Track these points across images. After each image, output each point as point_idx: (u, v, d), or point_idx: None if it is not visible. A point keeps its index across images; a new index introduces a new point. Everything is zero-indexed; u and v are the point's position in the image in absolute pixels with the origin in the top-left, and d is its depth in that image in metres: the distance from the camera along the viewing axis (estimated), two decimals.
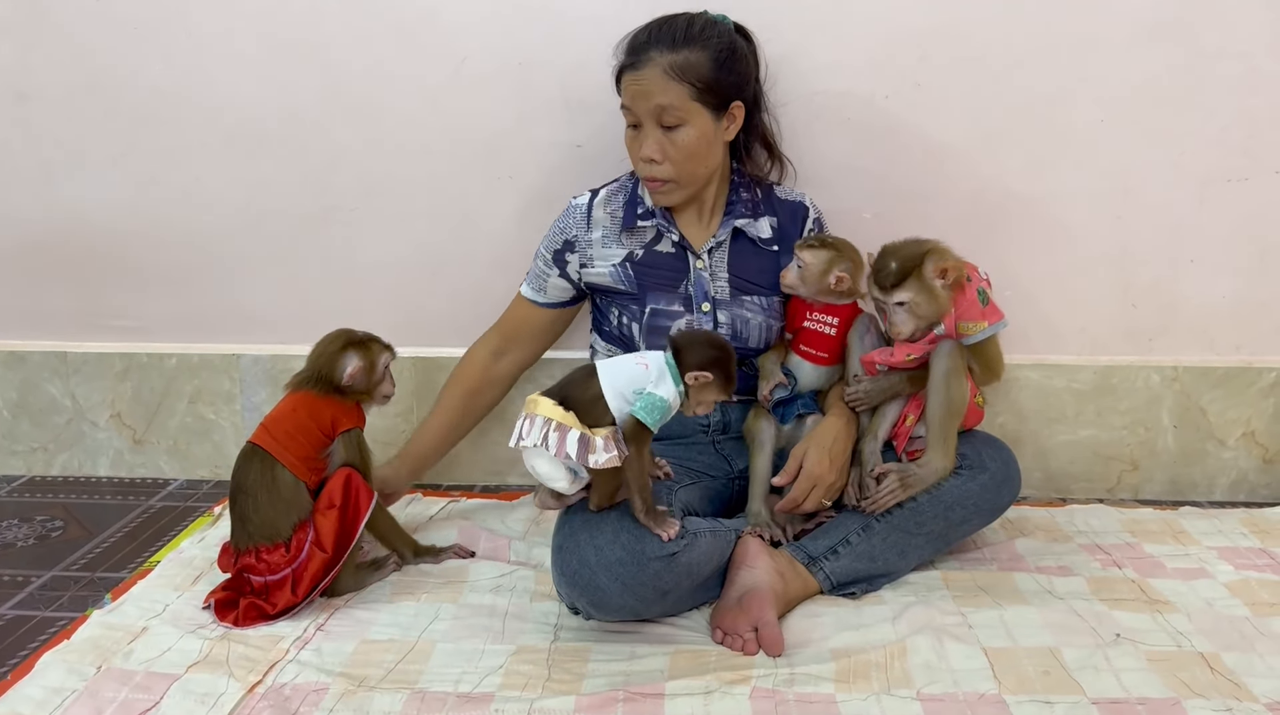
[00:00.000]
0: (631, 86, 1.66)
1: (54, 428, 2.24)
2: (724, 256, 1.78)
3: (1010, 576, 1.72)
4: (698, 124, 1.65)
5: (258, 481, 1.58)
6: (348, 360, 1.64)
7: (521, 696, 1.37)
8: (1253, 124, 1.96)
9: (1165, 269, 2.05)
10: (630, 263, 1.77)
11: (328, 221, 2.10)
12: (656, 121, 1.65)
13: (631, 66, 1.65)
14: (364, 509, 1.62)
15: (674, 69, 1.62)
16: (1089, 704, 1.35)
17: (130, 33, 2.01)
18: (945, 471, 1.65)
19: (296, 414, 1.62)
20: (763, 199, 1.82)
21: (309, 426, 1.61)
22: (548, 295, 1.86)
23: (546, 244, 1.84)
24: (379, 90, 2.02)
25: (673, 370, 1.46)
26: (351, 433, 1.65)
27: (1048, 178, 2.00)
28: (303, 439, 1.60)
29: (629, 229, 1.78)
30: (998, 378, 1.70)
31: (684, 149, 1.66)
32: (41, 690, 1.37)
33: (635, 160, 1.72)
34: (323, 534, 1.58)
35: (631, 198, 1.79)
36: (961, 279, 1.62)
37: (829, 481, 1.67)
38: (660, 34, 1.65)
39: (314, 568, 1.57)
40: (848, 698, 1.37)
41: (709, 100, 1.65)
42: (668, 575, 1.46)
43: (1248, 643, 1.50)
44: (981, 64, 1.95)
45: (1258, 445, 2.11)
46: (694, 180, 1.71)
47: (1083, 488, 2.14)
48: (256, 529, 1.57)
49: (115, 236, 2.14)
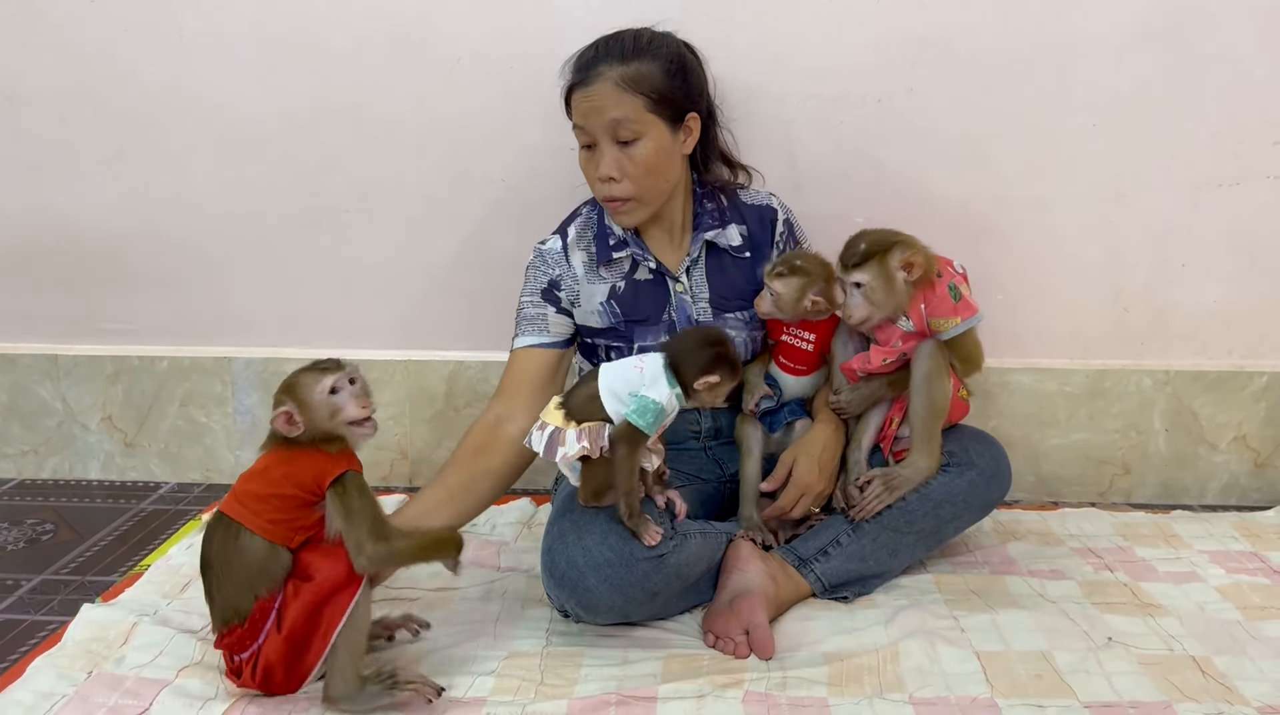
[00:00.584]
0: (583, 104, 1.60)
1: (45, 431, 2.24)
2: (702, 275, 1.75)
3: (1002, 580, 1.72)
4: (654, 137, 1.61)
5: (220, 553, 1.34)
6: (278, 408, 1.35)
7: (514, 701, 1.37)
8: (1243, 129, 1.97)
9: (1157, 273, 2.06)
10: (614, 299, 1.72)
11: (320, 224, 2.10)
12: (612, 138, 1.60)
13: (581, 84, 1.61)
14: (347, 594, 1.33)
15: (626, 81, 1.58)
16: (1081, 707, 1.35)
17: (122, 34, 2.01)
18: (931, 471, 1.66)
19: (268, 474, 1.35)
20: (729, 206, 1.78)
21: (282, 486, 1.33)
22: (551, 333, 1.74)
23: (529, 289, 1.75)
24: (371, 93, 2.02)
25: (669, 375, 1.46)
26: (343, 480, 1.34)
27: (1039, 182, 2.01)
28: (276, 501, 1.33)
29: (606, 263, 1.72)
30: (979, 369, 1.69)
31: (642, 164, 1.61)
32: (31, 695, 1.36)
33: (592, 182, 1.66)
34: (286, 614, 1.32)
35: (600, 230, 1.74)
36: (930, 276, 1.61)
37: (818, 490, 1.68)
38: (608, 48, 1.62)
39: (273, 654, 1.32)
40: (840, 701, 1.37)
41: (664, 112, 1.61)
42: (656, 576, 1.46)
43: (1239, 646, 1.50)
44: (973, 69, 1.95)
45: (1249, 449, 2.11)
46: (655, 196, 1.66)
47: (1075, 491, 2.15)
48: (219, 609, 1.34)
49: (106, 239, 2.13)
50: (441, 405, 2.17)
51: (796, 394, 1.77)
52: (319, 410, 1.35)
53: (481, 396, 2.14)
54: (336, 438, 1.37)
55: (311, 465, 1.34)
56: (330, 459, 1.35)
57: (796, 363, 1.74)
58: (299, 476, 1.33)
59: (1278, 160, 1.98)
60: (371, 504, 1.35)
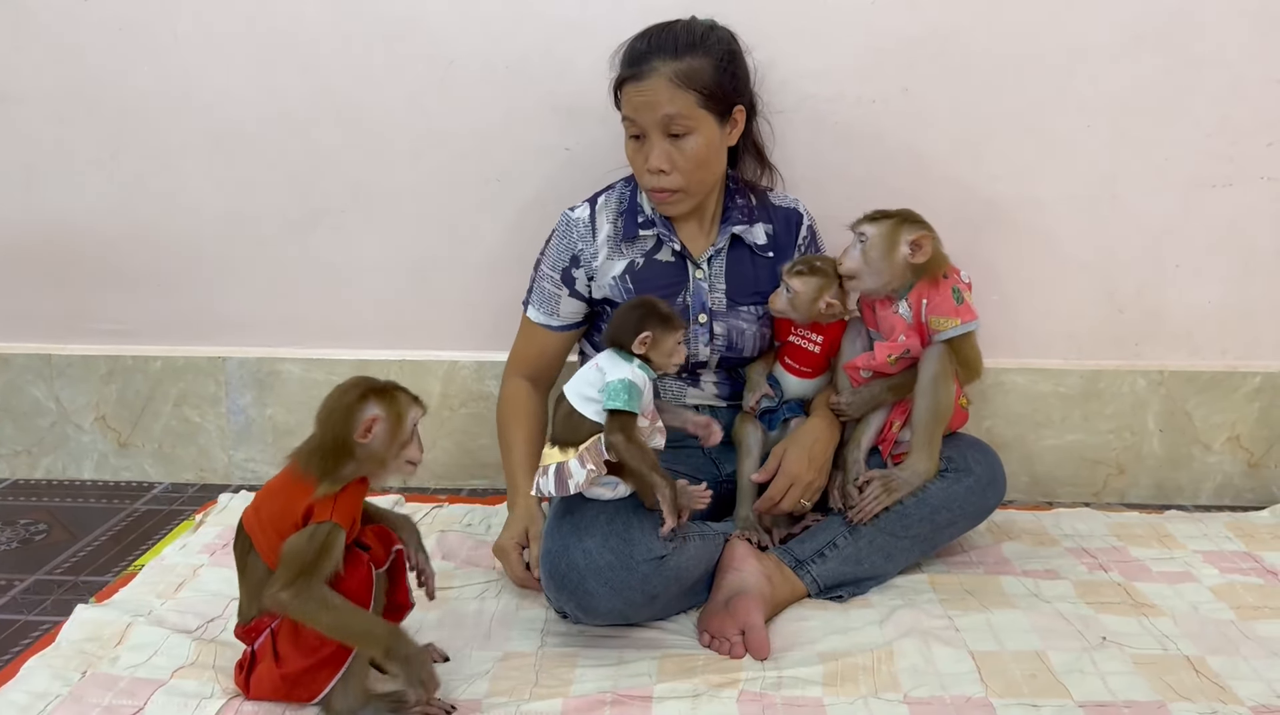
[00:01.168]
0: (635, 98, 1.63)
1: (38, 431, 2.23)
2: (722, 266, 1.77)
3: (997, 580, 1.72)
4: (705, 132, 1.63)
5: (240, 557, 1.33)
6: (366, 410, 1.28)
7: (509, 702, 1.37)
8: (1236, 130, 1.97)
9: (1150, 274, 2.06)
10: (630, 274, 1.75)
11: (314, 224, 2.10)
12: (664, 131, 1.62)
13: (634, 78, 1.62)
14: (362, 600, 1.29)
15: (679, 77, 1.60)
16: (1075, 707, 1.35)
17: (116, 34, 2.01)
18: (929, 475, 1.66)
19: (277, 499, 1.31)
20: (758, 205, 1.81)
21: (283, 517, 1.28)
22: (561, 317, 1.80)
23: (551, 262, 1.79)
24: (366, 93, 2.02)
25: (621, 354, 1.48)
26: (320, 528, 1.25)
27: (1034, 183, 2.01)
28: (273, 532, 1.28)
29: (630, 239, 1.76)
30: (978, 376, 1.70)
31: (693, 158, 1.64)
32: (26, 695, 1.36)
33: (640, 172, 1.69)
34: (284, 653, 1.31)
35: (630, 206, 1.77)
36: (936, 272, 1.63)
37: (806, 480, 1.67)
38: (661, 42, 1.62)
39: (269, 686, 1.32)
40: (835, 701, 1.37)
41: (714, 107, 1.63)
42: (656, 579, 1.46)
43: (1233, 646, 1.51)
44: (968, 71, 1.95)
45: (1243, 449, 2.12)
46: (702, 188, 1.70)
47: (1069, 492, 2.15)
48: (242, 607, 1.35)
49: (100, 239, 2.13)
50: (436, 405, 2.16)
51: (798, 396, 1.77)
52: (399, 435, 1.31)
53: (477, 396, 2.14)
54: (368, 463, 1.30)
55: (305, 502, 1.27)
56: (328, 504, 1.27)
57: (802, 364, 1.75)
58: (294, 511, 1.27)
59: (1271, 162, 1.99)
60: (319, 560, 1.24)
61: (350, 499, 1.30)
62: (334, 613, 1.25)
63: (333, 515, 1.26)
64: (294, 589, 1.24)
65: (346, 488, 1.29)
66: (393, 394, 1.30)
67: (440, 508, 2.03)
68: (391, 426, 1.29)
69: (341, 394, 1.30)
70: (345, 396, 1.29)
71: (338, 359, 2.14)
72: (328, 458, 1.27)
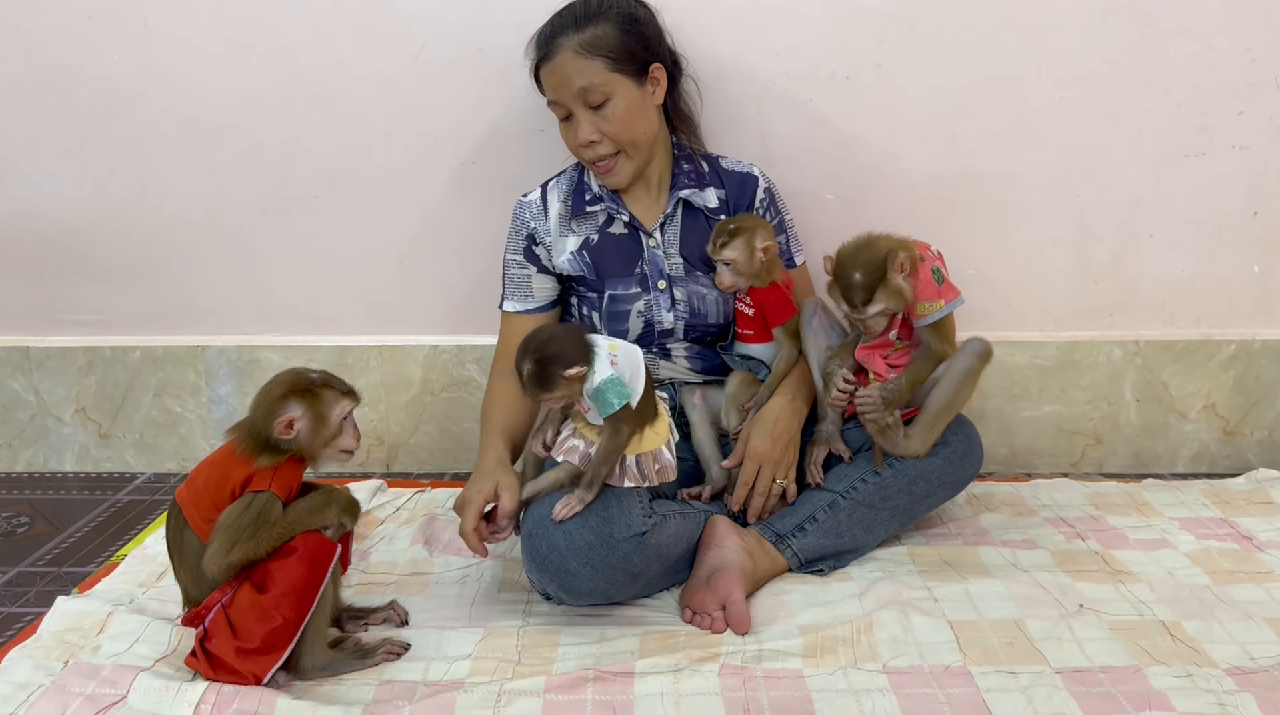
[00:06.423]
0: (550, 78, 1.68)
1: (18, 424, 2.22)
2: (676, 232, 1.79)
3: (975, 551, 1.74)
4: (623, 94, 1.67)
5: (173, 541, 1.37)
6: (286, 409, 1.34)
7: (491, 681, 1.38)
8: (1208, 101, 1.98)
9: (1124, 245, 2.07)
10: (587, 249, 1.78)
11: (289, 212, 2.09)
12: (584, 104, 1.67)
13: (545, 58, 1.68)
14: (322, 565, 1.35)
15: (584, 47, 1.64)
16: (1052, 673, 1.37)
17: (84, 23, 1.99)
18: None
19: (216, 468, 1.35)
20: (709, 171, 1.83)
21: (221, 485, 1.32)
22: (536, 298, 1.82)
23: (513, 248, 1.82)
24: (338, 79, 2.01)
25: (599, 357, 1.45)
26: (257, 497, 1.32)
27: (1006, 157, 2.02)
28: (207, 500, 1.33)
29: (579, 215, 1.78)
30: (954, 349, 1.70)
31: (617, 121, 1.67)
32: (8, 686, 1.36)
33: (576, 151, 1.73)
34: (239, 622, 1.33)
35: (578, 186, 1.81)
36: (915, 263, 1.63)
37: (774, 459, 1.69)
38: (562, 20, 1.68)
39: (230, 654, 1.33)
40: (815, 673, 1.38)
41: (627, 69, 1.67)
42: (637, 557, 1.47)
43: (1208, 610, 1.52)
44: (939, 45, 1.95)
45: (1218, 417, 2.14)
46: (637, 148, 1.72)
47: (1047, 462, 2.17)
48: (183, 592, 1.40)
49: (73, 230, 2.12)
50: (417, 390, 2.16)
51: (757, 358, 1.79)
52: (325, 429, 1.37)
53: (458, 381, 2.15)
54: (299, 450, 1.36)
55: (245, 471, 1.33)
56: (267, 474, 1.33)
57: (744, 328, 1.79)
58: (232, 478, 1.32)
59: (1243, 131, 2.00)
60: (254, 526, 1.30)
61: (290, 471, 1.36)
62: (287, 518, 1.34)
63: (271, 485, 1.33)
64: (229, 553, 1.30)
65: (289, 460, 1.36)
66: (316, 392, 1.35)
67: (423, 492, 2.03)
68: (312, 424, 1.35)
69: (267, 390, 1.36)
70: (270, 393, 1.36)
71: (317, 346, 2.14)
72: (257, 444, 1.34)
